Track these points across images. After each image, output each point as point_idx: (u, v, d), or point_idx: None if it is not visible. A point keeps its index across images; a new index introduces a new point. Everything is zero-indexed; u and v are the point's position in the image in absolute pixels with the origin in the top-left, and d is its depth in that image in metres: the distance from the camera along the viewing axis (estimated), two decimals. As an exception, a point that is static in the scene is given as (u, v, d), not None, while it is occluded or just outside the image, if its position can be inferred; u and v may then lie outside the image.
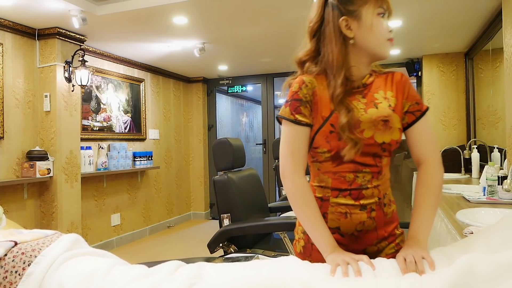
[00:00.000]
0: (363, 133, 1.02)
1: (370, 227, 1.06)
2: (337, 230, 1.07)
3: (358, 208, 1.05)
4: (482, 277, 0.79)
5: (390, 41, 1.07)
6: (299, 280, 0.91)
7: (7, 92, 3.20)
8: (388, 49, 1.07)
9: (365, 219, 1.05)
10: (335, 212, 1.06)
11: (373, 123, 1.02)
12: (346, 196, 1.05)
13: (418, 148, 1.09)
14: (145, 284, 0.98)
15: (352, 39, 1.05)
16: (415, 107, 1.08)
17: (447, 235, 1.58)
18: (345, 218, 1.05)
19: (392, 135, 1.04)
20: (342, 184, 1.05)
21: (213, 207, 5.93)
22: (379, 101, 1.06)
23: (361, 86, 1.08)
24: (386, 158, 1.07)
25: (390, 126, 1.03)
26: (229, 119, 7.56)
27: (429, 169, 1.08)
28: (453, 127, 4.49)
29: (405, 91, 1.09)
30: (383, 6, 1.05)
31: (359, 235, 1.06)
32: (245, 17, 3.27)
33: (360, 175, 1.04)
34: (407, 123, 1.08)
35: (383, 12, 1.05)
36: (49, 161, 3.36)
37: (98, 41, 3.86)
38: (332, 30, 1.05)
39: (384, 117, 1.03)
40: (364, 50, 1.06)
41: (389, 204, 1.10)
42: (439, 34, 3.79)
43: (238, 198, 2.27)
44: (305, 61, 1.12)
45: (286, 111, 1.07)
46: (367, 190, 1.05)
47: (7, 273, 1.07)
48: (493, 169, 2.11)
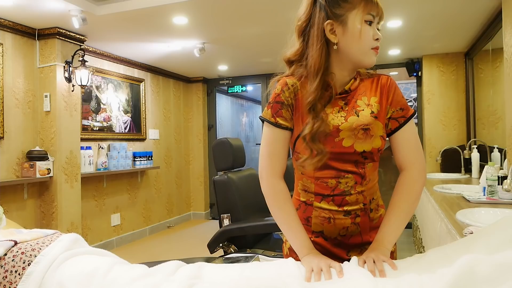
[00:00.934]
0: (343, 142, 1.00)
1: (354, 232, 1.05)
2: (320, 234, 1.07)
3: (341, 213, 1.04)
4: (482, 277, 0.79)
5: (375, 50, 1.02)
6: (299, 281, 0.91)
7: (7, 92, 3.20)
8: (372, 58, 1.02)
9: (348, 224, 1.04)
10: (319, 217, 1.06)
11: (353, 132, 1.00)
12: (329, 202, 1.04)
13: (401, 155, 1.06)
14: (146, 284, 0.98)
15: (335, 44, 1.01)
16: (399, 113, 1.05)
17: (447, 235, 1.58)
18: (329, 223, 1.05)
19: (373, 143, 1.01)
20: (325, 190, 1.04)
21: (213, 207, 5.93)
22: (361, 108, 1.03)
23: (343, 92, 1.05)
24: (371, 164, 1.04)
25: (371, 134, 1.01)
26: (229, 119, 7.56)
27: (409, 176, 1.05)
28: (453, 127, 4.49)
29: (389, 96, 1.05)
30: (372, 12, 1.00)
31: (343, 239, 1.06)
32: (245, 17, 3.27)
33: (342, 181, 1.03)
34: (391, 129, 1.06)
35: (371, 20, 1.00)
36: (49, 161, 3.36)
37: (98, 41, 3.86)
38: (316, 33, 1.01)
39: (364, 125, 1.00)
40: (347, 56, 1.02)
41: (377, 209, 1.09)
42: (439, 34, 3.79)
43: (238, 198, 2.27)
44: (293, 61, 1.09)
45: (268, 113, 1.06)
46: (351, 196, 1.03)
47: (7, 273, 1.07)
48: (493, 169, 2.11)
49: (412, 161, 1.06)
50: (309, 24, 1.04)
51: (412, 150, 1.06)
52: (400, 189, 1.06)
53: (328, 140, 1.01)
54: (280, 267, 0.99)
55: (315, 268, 0.94)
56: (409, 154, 1.06)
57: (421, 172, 1.06)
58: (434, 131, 4.52)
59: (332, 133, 1.01)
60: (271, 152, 1.06)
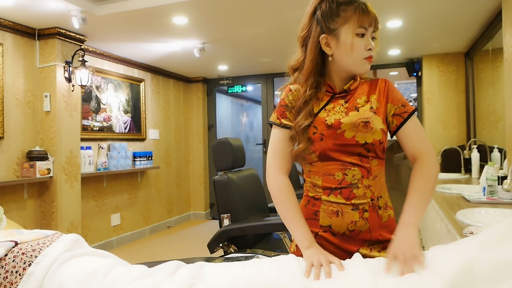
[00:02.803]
0: (345, 134, 1.07)
1: (363, 228, 1.07)
2: (328, 228, 1.09)
3: (350, 207, 1.07)
4: (482, 276, 0.79)
5: (368, 60, 1.09)
6: (299, 280, 0.91)
7: (7, 92, 3.20)
8: (365, 67, 1.10)
9: (357, 218, 1.06)
10: (327, 210, 1.09)
11: (354, 125, 1.06)
12: (337, 195, 1.08)
13: (411, 147, 1.12)
14: (146, 284, 0.98)
15: (331, 56, 1.10)
16: (402, 109, 1.12)
17: (447, 235, 1.58)
18: (337, 217, 1.07)
19: (374, 135, 1.07)
20: (332, 183, 1.08)
21: (213, 207, 5.93)
22: (361, 105, 1.11)
23: (343, 92, 1.13)
24: (376, 160, 1.09)
25: (372, 127, 1.06)
26: (229, 119, 7.56)
27: (424, 163, 1.10)
28: (453, 127, 4.49)
29: (389, 95, 1.12)
30: (364, 25, 1.06)
31: (351, 235, 1.08)
32: (245, 17, 3.27)
33: (349, 174, 1.07)
34: (396, 125, 1.12)
35: (363, 32, 1.07)
36: (49, 161, 3.36)
37: (98, 41, 3.86)
38: (312, 45, 1.11)
39: (364, 118, 1.07)
40: (342, 66, 1.11)
41: (385, 208, 1.11)
42: (439, 34, 3.79)
43: (238, 198, 2.27)
44: (296, 69, 1.19)
45: (274, 117, 1.17)
46: (358, 190, 1.07)
47: (8, 273, 1.07)
48: (493, 169, 2.11)
49: (423, 149, 1.11)
50: (308, 35, 1.13)
51: (421, 139, 1.12)
52: (418, 174, 1.10)
53: (330, 133, 1.08)
54: (281, 264, 0.99)
55: (315, 262, 0.97)
56: (419, 143, 1.11)
57: (434, 159, 1.12)
58: (434, 131, 4.53)
59: (334, 126, 1.08)
60: (277, 151, 1.14)
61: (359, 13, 1.06)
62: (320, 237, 1.09)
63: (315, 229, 1.10)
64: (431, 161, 1.10)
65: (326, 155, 1.08)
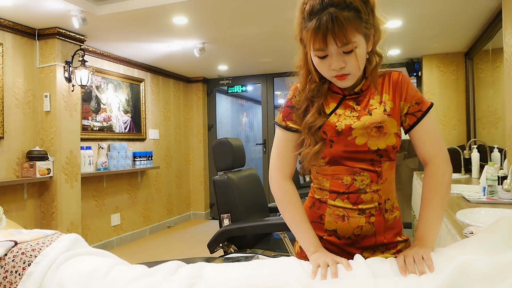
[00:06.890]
0: (356, 140, 1.01)
1: (369, 232, 1.05)
2: (334, 232, 1.07)
3: (356, 212, 1.04)
4: (479, 276, 0.79)
5: (338, 78, 0.98)
6: (299, 280, 0.91)
7: (7, 92, 3.20)
8: (340, 84, 1.01)
9: (363, 223, 1.03)
10: (333, 215, 1.06)
11: (366, 130, 1.00)
12: (344, 200, 1.04)
13: (423, 148, 1.06)
14: (146, 284, 0.98)
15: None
16: (415, 107, 1.04)
17: (447, 235, 1.58)
18: (343, 221, 1.04)
19: (387, 141, 1.01)
20: (340, 187, 1.04)
21: (213, 207, 5.93)
22: (374, 107, 1.03)
23: (354, 93, 1.06)
24: (388, 163, 1.04)
25: (385, 132, 1.00)
26: (229, 119, 7.56)
27: (435, 168, 1.05)
28: (453, 127, 4.49)
29: (402, 92, 1.05)
30: (322, 48, 0.93)
31: (357, 239, 1.06)
32: (245, 17, 3.27)
33: (358, 179, 1.02)
34: (409, 125, 1.05)
35: (320, 55, 0.95)
36: (49, 161, 3.36)
37: (98, 41, 3.86)
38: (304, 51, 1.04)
39: (377, 123, 1.00)
40: None
41: (392, 210, 1.07)
42: (439, 34, 3.79)
43: (238, 198, 2.27)
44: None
45: (279, 117, 1.12)
46: (366, 195, 1.03)
47: (7, 273, 1.07)
48: (493, 169, 2.11)
49: (435, 153, 1.06)
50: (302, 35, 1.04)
51: (433, 142, 1.06)
52: (430, 183, 1.05)
53: (340, 139, 1.02)
54: (282, 265, 0.99)
55: (321, 263, 0.95)
56: (431, 146, 1.06)
57: (446, 163, 1.06)
58: (434, 131, 4.52)
59: (344, 132, 1.01)
60: (281, 153, 1.11)
61: (313, 33, 0.91)
62: (325, 240, 1.07)
63: (320, 233, 1.08)
64: (442, 166, 1.05)
65: (336, 161, 1.03)
